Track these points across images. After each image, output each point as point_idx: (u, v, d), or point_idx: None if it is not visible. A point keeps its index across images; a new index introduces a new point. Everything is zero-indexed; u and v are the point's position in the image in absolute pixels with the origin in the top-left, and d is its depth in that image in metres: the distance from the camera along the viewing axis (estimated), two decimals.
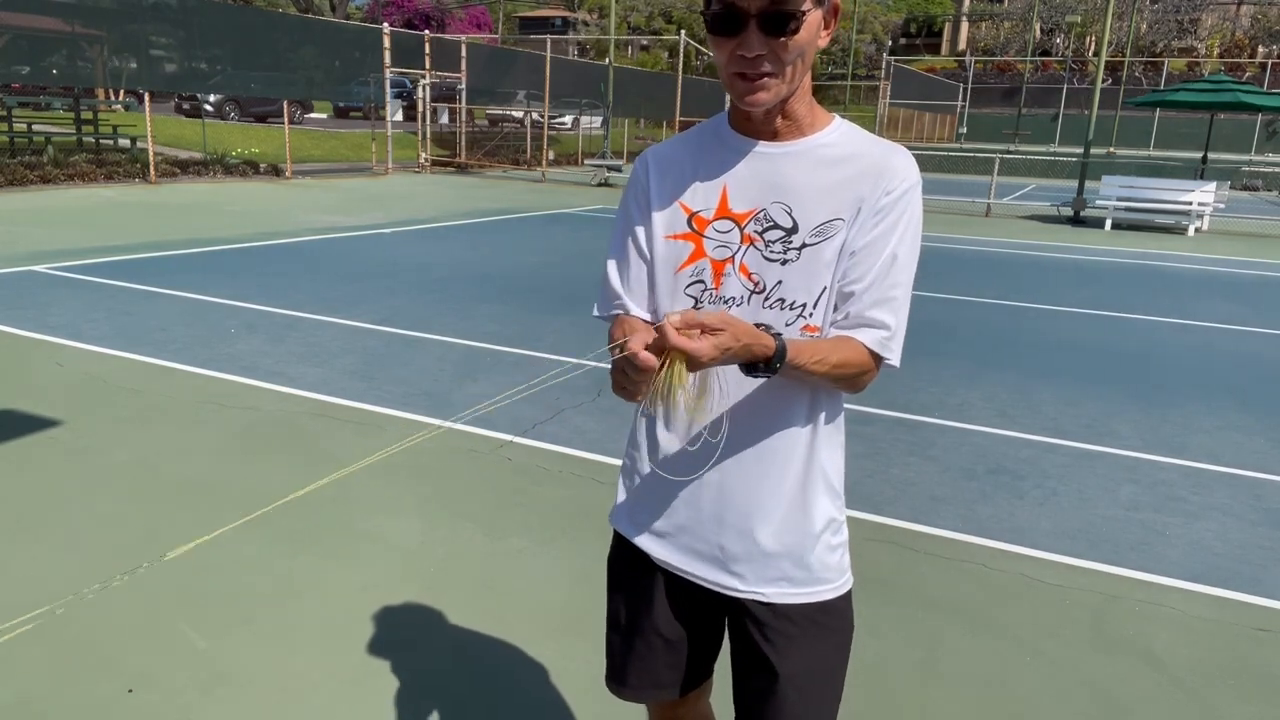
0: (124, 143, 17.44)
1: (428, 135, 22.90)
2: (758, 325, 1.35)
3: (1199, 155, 22.24)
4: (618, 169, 21.91)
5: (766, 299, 1.42)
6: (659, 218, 1.49)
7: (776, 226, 1.41)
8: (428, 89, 22.64)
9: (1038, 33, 49.96)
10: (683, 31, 32.87)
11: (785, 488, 1.48)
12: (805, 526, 1.49)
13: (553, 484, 3.99)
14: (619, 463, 1.65)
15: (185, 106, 25.24)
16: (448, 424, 4.55)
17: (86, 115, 17.80)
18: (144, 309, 6.87)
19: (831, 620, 1.53)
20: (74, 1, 15.49)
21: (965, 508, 3.92)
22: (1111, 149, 30.16)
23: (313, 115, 30.55)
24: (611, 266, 1.54)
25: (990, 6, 58.31)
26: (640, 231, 1.51)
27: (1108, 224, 16.67)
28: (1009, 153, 27.87)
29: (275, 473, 3.99)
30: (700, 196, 1.46)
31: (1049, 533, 3.70)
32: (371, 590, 3.04)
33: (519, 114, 29.23)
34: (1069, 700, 2.62)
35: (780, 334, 1.33)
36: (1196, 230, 16.34)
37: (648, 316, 1.51)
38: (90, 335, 6.03)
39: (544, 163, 24.29)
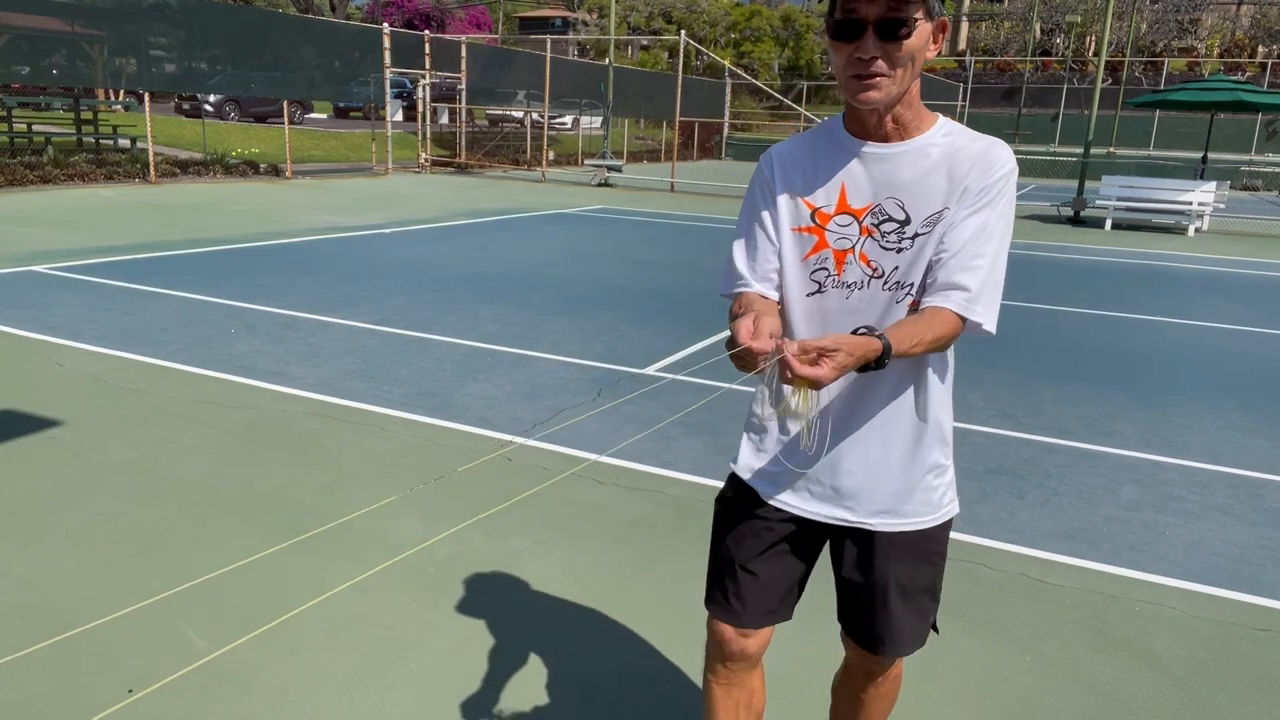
0: (124, 143, 17.44)
1: (428, 135, 22.90)
2: (855, 331, 1.55)
3: (1199, 155, 22.21)
4: (618, 169, 21.90)
5: (885, 282, 1.62)
6: (784, 211, 1.68)
7: (891, 219, 1.60)
8: (428, 89, 22.63)
9: (1038, 33, 49.94)
10: (683, 31, 32.84)
11: (892, 441, 1.68)
12: (909, 471, 1.70)
13: (553, 484, 3.99)
14: (619, 463, 1.71)
15: (185, 107, 25.24)
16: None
17: (86, 115, 17.80)
18: (144, 309, 6.87)
19: (928, 545, 1.76)
20: (74, 1, 15.49)
21: (965, 508, 3.92)
22: (1111, 149, 30.12)
23: (313, 115, 30.57)
24: (738, 250, 1.73)
25: (990, 6, 58.28)
26: (768, 220, 1.69)
27: (1108, 224, 16.67)
28: None
29: (275, 473, 3.99)
30: (821, 193, 1.64)
31: (1049, 533, 3.70)
32: (371, 590, 3.04)
33: (519, 114, 29.23)
34: (1069, 700, 2.62)
35: (881, 333, 1.48)
36: (1196, 230, 16.34)
37: (771, 293, 1.70)
38: (90, 335, 6.03)
39: (544, 163, 24.28)
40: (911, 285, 1.61)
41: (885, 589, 1.74)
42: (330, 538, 3.41)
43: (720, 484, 4.09)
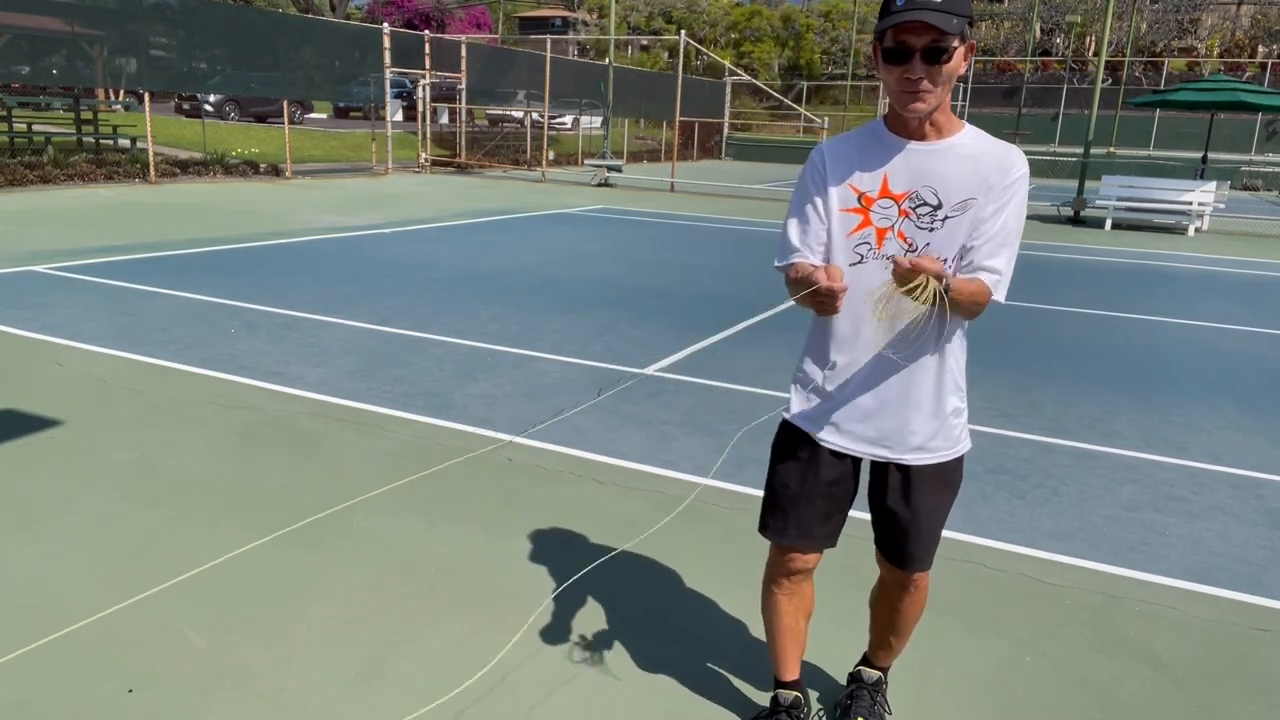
0: (124, 143, 17.43)
1: (428, 135, 22.90)
2: None
3: (1199, 155, 22.20)
4: (618, 169, 21.89)
5: (918, 256, 1.88)
6: (834, 195, 2.00)
7: (925, 204, 1.94)
8: (428, 89, 22.63)
9: (1038, 33, 49.89)
10: (683, 31, 32.83)
11: (925, 390, 2.04)
12: (937, 415, 2.07)
13: (553, 484, 3.99)
14: (618, 463, 1.74)
15: (185, 107, 25.23)
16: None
17: (86, 115, 17.79)
18: (144, 309, 6.87)
19: (950, 476, 2.15)
20: (74, 1, 15.49)
21: (965, 508, 3.92)
22: (1111, 149, 30.10)
23: (312, 115, 30.55)
24: (792, 226, 2.05)
25: (990, 6, 58.24)
26: (819, 202, 2.02)
27: (1108, 224, 16.67)
28: None
29: (275, 473, 3.99)
30: (866, 181, 1.98)
31: (1049, 533, 3.70)
32: (371, 590, 3.04)
33: (519, 114, 29.23)
34: (1069, 700, 2.62)
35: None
36: (1196, 230, 16.34)
37: (819, 262, 2.00)
38: (90, 335, 6.03)
39: (544, 163, 24.28)
40: (944, 260, 1.91)
41: (918, 514, 2.12)
42: (330, 538, 3.40)
43: (722, 484, 4.08)
